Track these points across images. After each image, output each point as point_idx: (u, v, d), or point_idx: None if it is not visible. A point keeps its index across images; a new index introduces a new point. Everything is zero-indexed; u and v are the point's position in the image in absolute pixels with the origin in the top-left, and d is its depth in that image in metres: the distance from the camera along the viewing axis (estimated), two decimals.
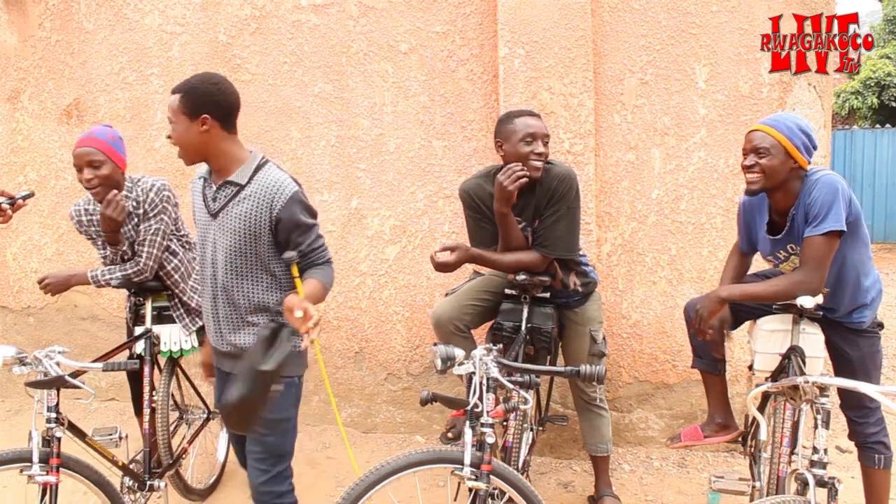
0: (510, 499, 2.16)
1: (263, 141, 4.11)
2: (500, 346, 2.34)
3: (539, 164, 2.81)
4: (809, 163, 2.47)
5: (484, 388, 2.05)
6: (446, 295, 3.19)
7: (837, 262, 2.44)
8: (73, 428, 2.38)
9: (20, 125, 4.57)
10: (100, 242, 3.00)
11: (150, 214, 2.92)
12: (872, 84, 14.86)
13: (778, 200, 2.52)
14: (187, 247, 3.15)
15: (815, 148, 2.48)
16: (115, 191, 2.83)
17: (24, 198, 3.22)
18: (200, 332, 3.19)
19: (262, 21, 4.06)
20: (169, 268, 3.04)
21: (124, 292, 3.28)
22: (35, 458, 2.16)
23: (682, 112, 3.64)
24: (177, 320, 3.09)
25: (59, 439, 2.23)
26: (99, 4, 4.31)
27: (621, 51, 3.66)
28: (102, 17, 4.31)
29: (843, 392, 2.58)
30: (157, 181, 2.96)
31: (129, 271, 2.93)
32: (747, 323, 2.85)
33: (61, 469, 2.23)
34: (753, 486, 2.70)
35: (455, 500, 2.43)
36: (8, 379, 4.75)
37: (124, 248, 2.94)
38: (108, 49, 4.32)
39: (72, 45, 4.39)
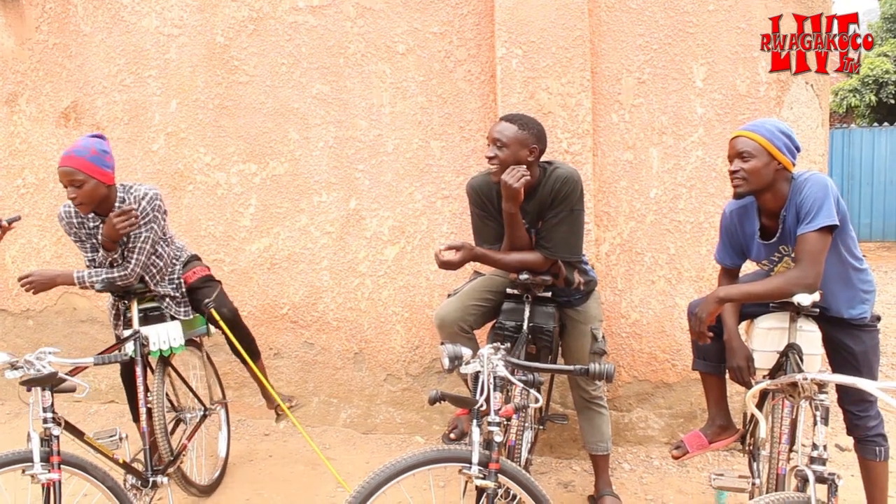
0: (519, 500, 2.16)
1: (261, 142, 4.12)
2: (508, 344, 2.35)
3: (492, 167, 2.84)
4: (794, 164, 2.51)
5: (491, 386, 2.05)
6: (448, 296, 3.19)
7: (828, 262, 2.46)
8: (70, 427, 2.40)
9: (18, 128, 4.57)
10: (88, 246, 3.02)
11: (141, 223, 2.94)
12: (870, 82, 14.88)
13: (767, 202, 2.55)
14: (169, 243, 3.21)
15: (798, 149, 2.52)
16: (133, 207, 2.88)
17: (11, 221, 3.23)
18: (192, 323, 3.22)
19: (259, 23, 4.06)
20: (154, 270, 3.10)
21: None
22: (36, 458, 2.17)
23: (680, 111, 3.65)
24: (175, 316, 3.14)
25: (57, 437, 2.24)
26: (96, 7, 4.31)
27: (619, 50, 3.66)
28: (100, 20, 4.31)
29: (842, 388, 2.59)
30: (149, 190, 2.98)
31: (115, 275, 2.96)
32: (744, 322, 2.86)
33: (64, 467, 2.24)
34: (753, 484, 2.71)
35: (463, 498, 2.44)
36: (9, 382, 4.74)
37: (116, 255, 2.97)
38: (106, 51, 4.32)
39: (69, 47, 4.39)
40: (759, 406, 2.77)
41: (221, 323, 3.23)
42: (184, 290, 3.24)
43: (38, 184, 4.53)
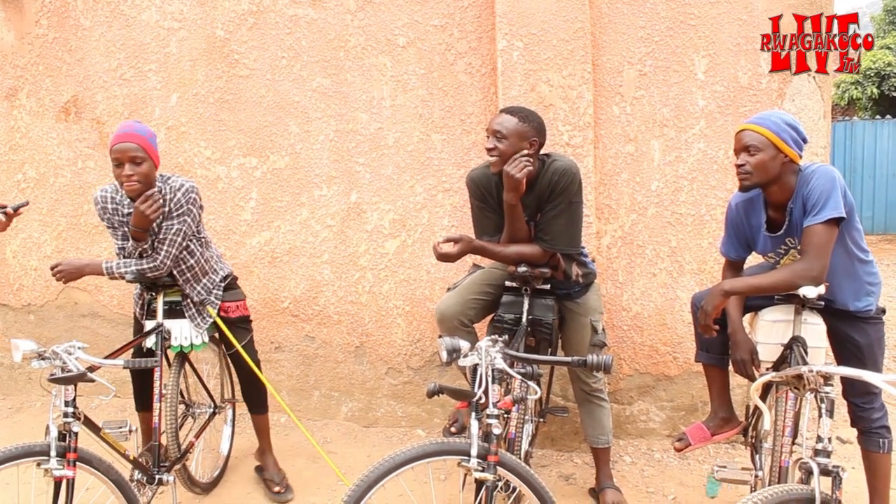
0: (519, 492, 2.16)
1: (262, 136, 4.10)
2: (506, 337, 2.34)
3: (492, 159, 2.84)
4: (801, 157, 2.50)
5: (489, 379, 2.05)
6: (448, 290, 3.19)
7: (835, 254, 2.45)
8: (87, 422, 2.39)
9: (18, 123, 4.56)
10: (120, 233, 2.98)
11: (174, 214, 2.92)
12: (872, 74, 14.86)
13: (773, 194, 2.54)
14: (205, 245, 3.16)
15: (804, 141, 2.50)
16: (155, 190, 2.85)
17: (18, 208, 3.22)
18: (211, 328, 3.20)
19: (259, 16, 4.04)
20: (184, 266, 3.04)
21: (125, 290, 3.31)
22: (53, 452, 2.17)
23: (682, 103, 3.63)
24: (188, 318, 3.10)
25: (76, 434, 2.25)
26: (96, 1, 4.29)
27: (620, 42, 3.65)
28: (99, 14, 4.30)
29: (847, 380, 2.59)
30: (186, 182, 2.96)
31: (145, 266, 2.93)
32: (748, 315, 2.86)
33: (77, 464, 2.24)
34: (756, 476, 2.71)
35: (462, 490, 2.44)
36: (10, 377, 4.76)
37: (146, 245, 2.94)
38: (106, 46, 4.31)
39: (69, 42, 4.38)
40: (763, 398, 2.77)
41: (245, 356, 3.25)
42: (216, 311, 3.18)
43: (38, 178, 4.52)
